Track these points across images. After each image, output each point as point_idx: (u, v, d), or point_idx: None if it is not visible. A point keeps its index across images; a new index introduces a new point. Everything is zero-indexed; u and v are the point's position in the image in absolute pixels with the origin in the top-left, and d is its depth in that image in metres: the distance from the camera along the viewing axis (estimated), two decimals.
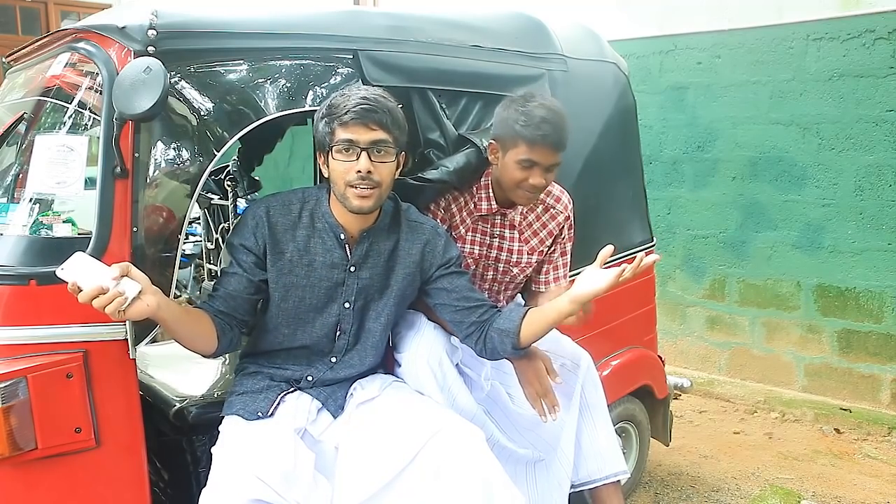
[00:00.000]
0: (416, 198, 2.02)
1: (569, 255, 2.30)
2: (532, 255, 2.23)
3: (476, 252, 2.19)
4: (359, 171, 1.68)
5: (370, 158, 1.69)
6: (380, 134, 1.70)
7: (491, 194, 2.13)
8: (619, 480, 2.22)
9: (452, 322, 1.93)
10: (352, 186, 1.70)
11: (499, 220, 2.19)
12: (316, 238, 1.81)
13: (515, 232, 2.20)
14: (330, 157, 1.73)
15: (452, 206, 2.15)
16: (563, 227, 2.24)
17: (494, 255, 2.22)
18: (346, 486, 1.73)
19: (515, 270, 2.24)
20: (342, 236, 1.81)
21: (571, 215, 2.25)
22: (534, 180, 1.98)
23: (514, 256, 2.22)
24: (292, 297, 1.82)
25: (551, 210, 2.23)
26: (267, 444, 1.67)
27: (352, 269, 1.83)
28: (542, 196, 2.21)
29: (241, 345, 1.91)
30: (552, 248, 2.26)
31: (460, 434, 1.74)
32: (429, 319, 2.03)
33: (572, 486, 2.20)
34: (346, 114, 1.68)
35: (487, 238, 2.19)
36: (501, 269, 2.23)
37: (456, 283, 1.91)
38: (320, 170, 1.83)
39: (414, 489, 1.69)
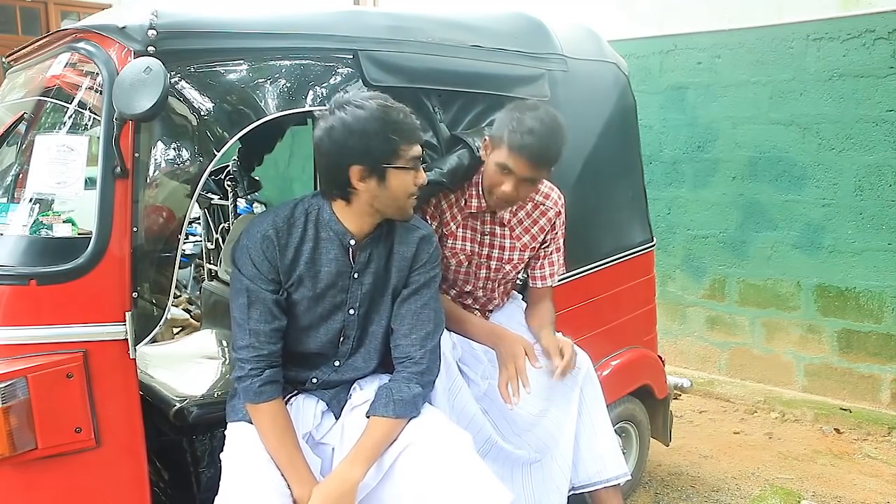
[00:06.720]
0: None
1: (562, 249, 2.31)
2: (524, 251, 2.24)
3: (468, 249, 2.19)
4: (420, 183, 1.79)
5: None
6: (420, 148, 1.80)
7: (481, 192, 2.14)
8: (619, 483, 2.21)
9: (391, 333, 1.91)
10: (410, 197, 1.78)
11: (489, 218, 2.19)
12: (321, 248, 1.78)
13: (506, 230, 2.21)
14: (391, 172, 1.70)
15: (443, 202, 2.16)
16: (555, 222, 2.25)
17: (486, 253, 2.22)
18: None
19: (508, 268, 2.24)
20: (351, 242, 1.79)
21: (563, 211, 2.25)
22: (506, 188, 1.99)
23: (507, 254, 2.22)
24: (299, 307, 1.80)
25: (541, 207, 2.23)
26: None
27: (355, 275, 1.81)
28: (530, 193, 2.21)
29: None
30: (545, 244, 2.27)
31: (446, 435, 1.74)
32: None
33: (573, 489, 2.20)
34: (410, 133, 1.73)
35: (478, 235, 2.20)
36: (494, 266, 2.23)
37: (410, 302, 1.86)
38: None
39: (401, 490, 1.70)
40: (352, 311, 1.84)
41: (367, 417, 1.75)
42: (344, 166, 1.68)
